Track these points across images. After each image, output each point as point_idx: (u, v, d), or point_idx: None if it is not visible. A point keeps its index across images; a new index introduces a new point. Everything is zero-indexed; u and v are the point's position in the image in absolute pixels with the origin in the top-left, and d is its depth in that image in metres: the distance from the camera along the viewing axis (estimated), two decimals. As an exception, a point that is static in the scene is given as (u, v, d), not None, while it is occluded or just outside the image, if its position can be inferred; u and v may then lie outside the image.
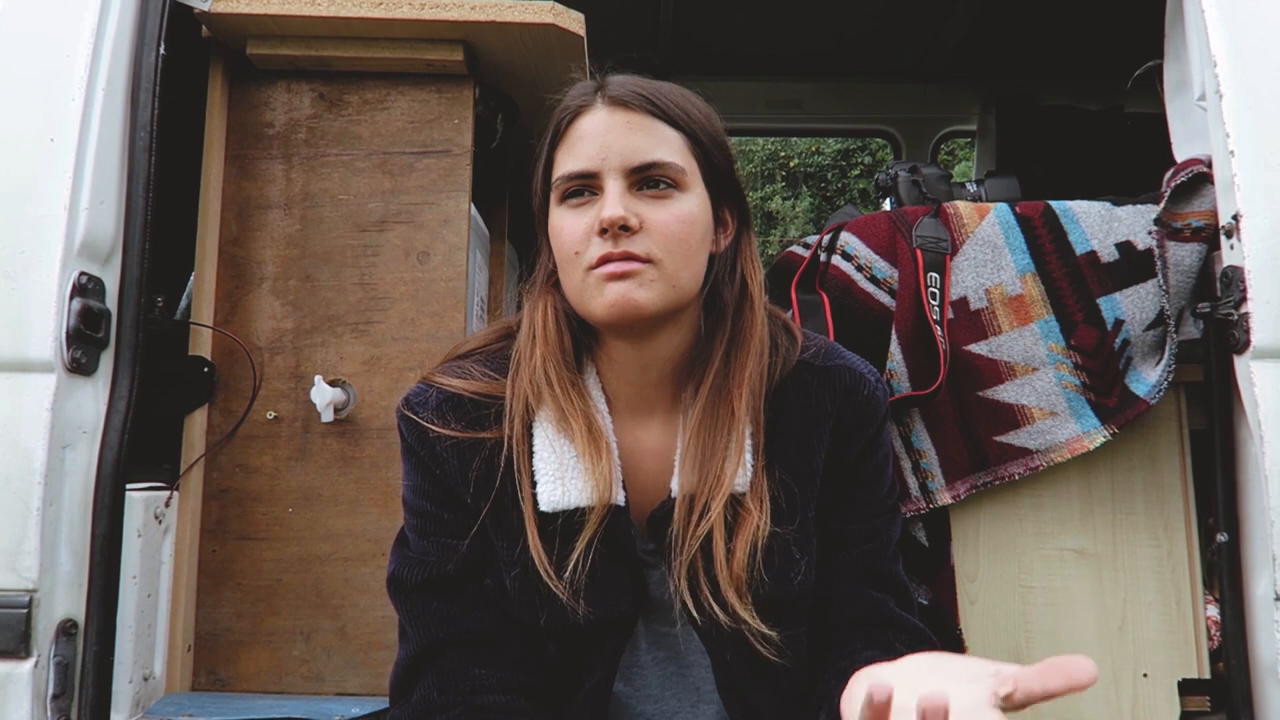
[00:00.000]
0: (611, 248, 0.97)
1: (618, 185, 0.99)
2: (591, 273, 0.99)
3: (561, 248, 1.02)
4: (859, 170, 10.85)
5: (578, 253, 1.00)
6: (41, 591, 1.13)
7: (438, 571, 1.06)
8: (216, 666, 1.53)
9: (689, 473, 1.04)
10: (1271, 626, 1.25)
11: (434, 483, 1.07)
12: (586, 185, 1.01)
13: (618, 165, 0.99)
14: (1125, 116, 2.85)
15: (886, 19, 2.88)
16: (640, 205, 0.99)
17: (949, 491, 1.50)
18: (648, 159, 1.00)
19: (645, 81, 1.05)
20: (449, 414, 1.05)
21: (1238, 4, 1.32)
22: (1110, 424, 1.46)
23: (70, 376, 1.18)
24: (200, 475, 1.55)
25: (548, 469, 1.04)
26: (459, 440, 1.05)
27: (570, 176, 1.01)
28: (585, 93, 1.04)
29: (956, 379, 1.50)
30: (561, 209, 1.03)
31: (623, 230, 0.97)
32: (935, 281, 1.51)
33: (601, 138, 1.00)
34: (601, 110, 1.01)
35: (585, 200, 1.01)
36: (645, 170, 1.00)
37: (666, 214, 0.99)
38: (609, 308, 0.98)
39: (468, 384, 1.07)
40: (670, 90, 1.05)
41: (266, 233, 1.59)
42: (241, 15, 1.51)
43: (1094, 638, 1.52)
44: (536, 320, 1.07)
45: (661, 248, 0.98)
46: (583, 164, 1.00)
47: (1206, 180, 1.42)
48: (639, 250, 0.97)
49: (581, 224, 1.00)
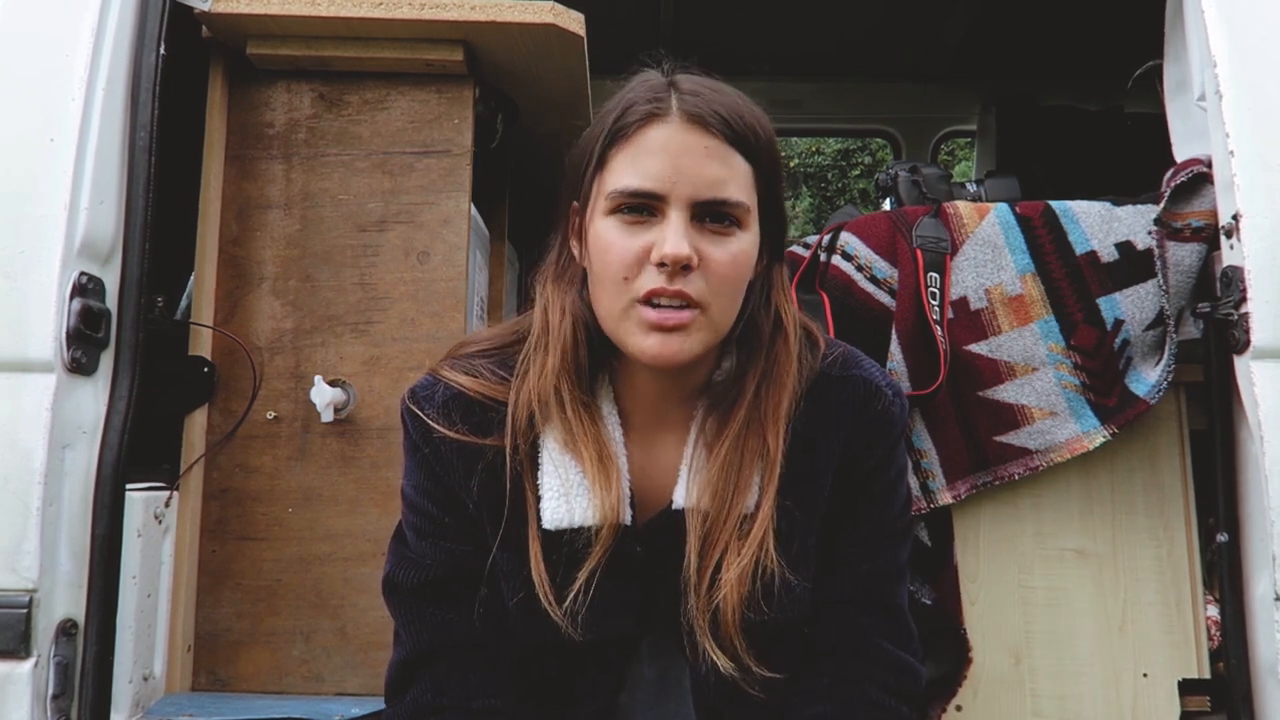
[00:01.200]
0: (666, 284, 0.91)
1: (682, 217, 0.91)
2: (637, 308, 0.92)
3: (608, 265, 0.94)
4: (859, 170, 10.84)
5: (627, 279, 0.92)
6: (41, 591, 1.13)
7: (435, 575, 1.04)
8: (216, 666, 1.53)
9: (703, 495, 0.99)
10: (1271, 626, 1.25)
11: (436, 483, 1.03)
12: (647, 205, 0.93)
13: (688, 195, 0.91)
14: (1125, 116, 2.85)
15: (886, 19, 2.88)
16: (700, 240, 0.92)
17: (949, 491, 1.50)
18: (720, 195, 0.92)
19: (721, 95, 0.96)
20: (455, 413, 1.01)
21: (1238, 4, 1.32)
22: (1110, 424, 1.46)
23: (70, 376, 1.18)
24: (200, 475, 1.55)
25: (552, 485, 0.99)
26: (464, 443, 1.00)
27: (633, 193, 0.92)
28: (656, 95, 0.95)
29: (957, 379, 1.50)
30: (612, 222, 0.94)
31: (683, 269, 0.91)
32: (935, 281, 1.51)
33: (675, 159, 0.92)
34: (676, 124, 0.93)
35: (643, 220, 0.93)
36: (714, 206, 0.93)
37: (725, 254, 0.93)
38: (649, 356, 0.93)
39: (476, 383, 1.02)
40: (744, 109, 0.96)
41: (266, 233, 1.59)
42: (241, 15, 1.50)
43: (1094, 638, 1.52)
44: (552, 323, 1.00)
45: (714, 290, 0.93)
46: (651, 184, 0.92)
47: (1206, 180, 1.42)
48: (692, 292, 0.91)
49: (635, 246, 0.92)
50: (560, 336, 0.99)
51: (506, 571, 1.03)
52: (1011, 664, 1.52)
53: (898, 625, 1.08)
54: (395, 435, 1.53)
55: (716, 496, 0.98)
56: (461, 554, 1.04)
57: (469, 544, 1.04)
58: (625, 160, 0.94)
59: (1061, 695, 1.51)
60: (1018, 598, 1.54)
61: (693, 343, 0.93)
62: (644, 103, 0.94)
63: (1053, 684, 1.52)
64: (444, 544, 1.04)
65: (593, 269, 0.97)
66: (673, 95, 0.94)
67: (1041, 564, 1.54)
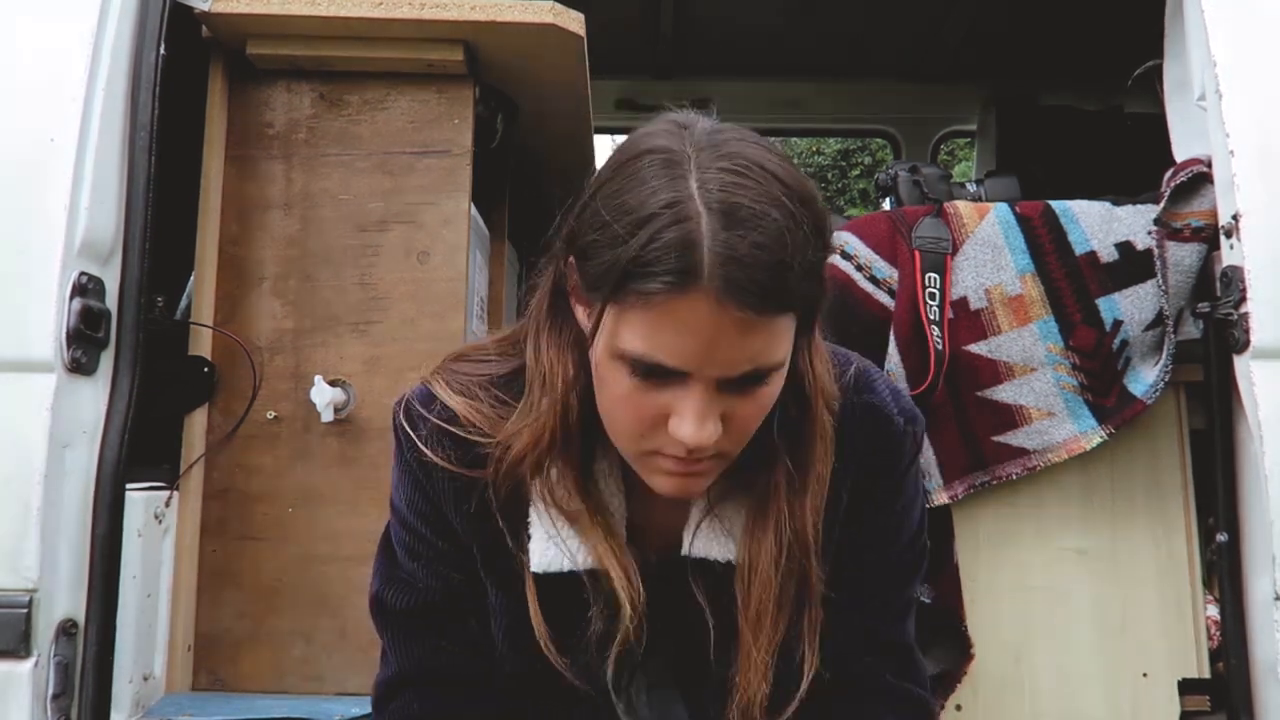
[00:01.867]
0: (685, 454, 0.81)
1: (707, 395, 0.78)
2: (652, 457, 0.84)
3: (621, 418, 0.84)
4: (859, 170, 10.84)
5: (642, 435, 0.83)
6: (41, 591, 1.13)
7: (427, 599, 1.01)
8: (216, 666, 1.52)
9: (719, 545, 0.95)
10: (1271, 626, 1.25)
11: (429, 504, 0.98)
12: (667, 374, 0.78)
13: (716, 374, 0.77)
14: (1125, 116, 2.85)
15: (887, 19, 2.88)
16: (726, 400, 0.80)
17: (946, 491, 1.50)
18: (753, 368, 0.78)
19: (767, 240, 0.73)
20: (446, 440, 0.94)
21: (1238, 4, 1.32)
22: (1107, 424, 1.46)
23: (70, 376, 1.18)
24: (200, 475, 1.55)
25: (541, 526, 0.94)
26: (454, 473, 0.95)
27: (649, 366, 0.77)
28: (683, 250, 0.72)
29: (956, 379, 1.50)
30: (622, 372, 0.79)
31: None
32: (935, 281, 1.51)
33: (706, 344, 0.75)
34: (711, 301, 0.73)
35: (660, 382, 0.79)
36: (745, 378, 0.79)
37: (753, 406, 0.82)
38: (665, 494, 0.87)
39: (472, 409, 0.94)
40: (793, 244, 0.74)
41: (266, 233, 1.59)
42: (241, 15, 1.50)
43: (1094, 638, 1.52)
44: (553, 389, 0.89)
45: (736, 441, 0.84)
46: (676, 363, 0.76)
47: (1206, 180, 1.42)
48: (713, 453, 0.83)
49: (650, 407, 0.80)
50: (555, 411, 0.89)
51: (496, 607, 0.99)
52: (1011, 664, 1.52)
53: (908, 662, 1.05)
54: (395, 435, 1.54)
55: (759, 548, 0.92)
56: (454, 581, 1.00)
57: (462, 571, 1.00)
58: (641, 324, 0.76)
59: (1061, 695, 1.51)
60: (1018, 597, 1.54)
61: (709, 481, 0.88)
62: (670, 257, 0.72)
63: (1053, 684, 1.52)
64: (438, 569, 1.00)
65: (599, 395, 0.86)
66: (704, 246, 0.72)
67: (1041, 563, 1.54)
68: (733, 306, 0.73)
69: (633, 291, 0.74)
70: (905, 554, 1.04)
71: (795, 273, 0.75)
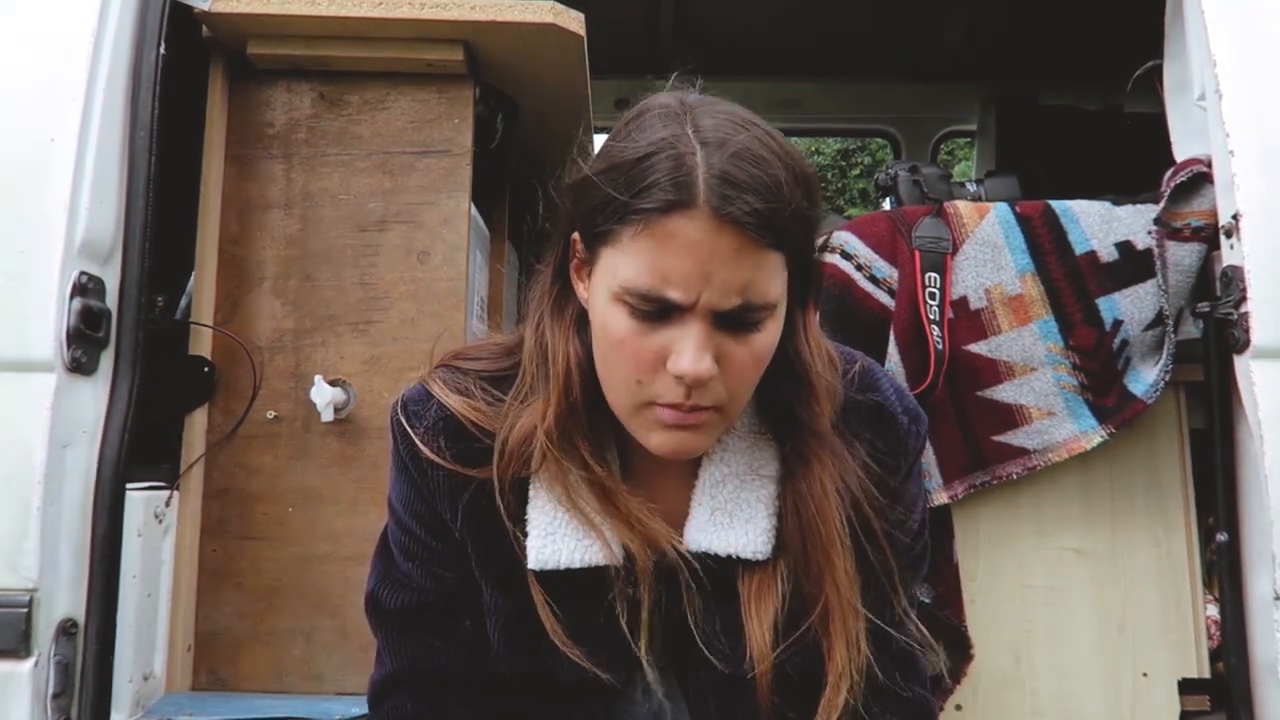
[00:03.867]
0: (683, 398, 0.83)
1: (705, 328, 0.81)
2: (652, 408, 0.85)
3: (620, 363, 0.85)
4: (859, 170, 10.85)
5: (640, 381, 0.84)
6: (42, 591, 1.13)
7: (422, 600, 1.01)
8: (216, 666, 1.52)
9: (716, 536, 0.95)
10: (1271, 626, 1.25)
11: (424, 504, 0.99)
12: (668, 307, 0.82)
13: (713, 304, 0.80)
14: (1125, 116, 2.85)
15: (886, 19, 2.88)
16: (721, 340, 0.82)
17: (946, 491, 1.50)
18: (746, 300, 0.81)
19: (759, 174, 0.79)
20: (443, 438, 0.95)
21: (1238, 4, 1.32)
22: (1108, 424, 1.46)
23: (70, 376, 1.18)
24: (200, 475, 1.55)
25: (539, 523, 0.94)
26: (450, 470, 0.95)
27: (650, 298, 0.81)
28: (681, 174, 0.78)
29: (956, 378, 1.50)
30: (622, 313, 0.83)
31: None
32: (935, 281, 1.51)
33: (703, 265, 0.78)
34: (706, 221, 0.78)
35: (658, 321, 0.82)
36: (739, 312, 0.81)
37: (748, 352, 0.84)
38: (662, 452, 0.87)
39: (468, 406, 0.95)
40: (784, 185, 0.80)
41: (266, 233, 1.59)
42: (241, 15, 1.50)
43: (1094, 637, 1.52)
44: (553, 368, 0.91)
45: (732, 392, 0.85)
46: (671, 293, 0.80)
47: (1206, 180, 1.42)
48: (710, 400, 0.84)
49: (649, 348, 0.82)
50: (559, 384, 0.91)
51: (491, 606, 0.99)
52: (1011, 663, 1.52)
53: (908, 661, 1.05)
54: (395, 435, 1.54)
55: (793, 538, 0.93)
56: (449, 581, 1.01)
57: (456, 571, 1.00)
58: (641, 251, 0.80)
59: (1061, 694, 1.51)
60: (1018, 597, 1.54)
61: (706, 439, 0.89)
62: (667, 181, 0.79)
63: (1052, 683, 1.52)
64: (433, 569, 1.00)
65: (598, 346, 0.88)
66: (700, 172, 0.78)
67: (1041, 563, 1.54)
68: (728, 228, 0.78)
69: (635, 218, 0.79)
70: (908, 552, 1.04)
71: (786, 211, 0.80)
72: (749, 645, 0.93)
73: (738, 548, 0.94)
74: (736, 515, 0.95)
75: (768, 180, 0.80)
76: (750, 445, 0.97)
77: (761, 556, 0.94)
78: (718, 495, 0.96)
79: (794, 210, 0.81)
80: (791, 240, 0.82)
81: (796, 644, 0.94)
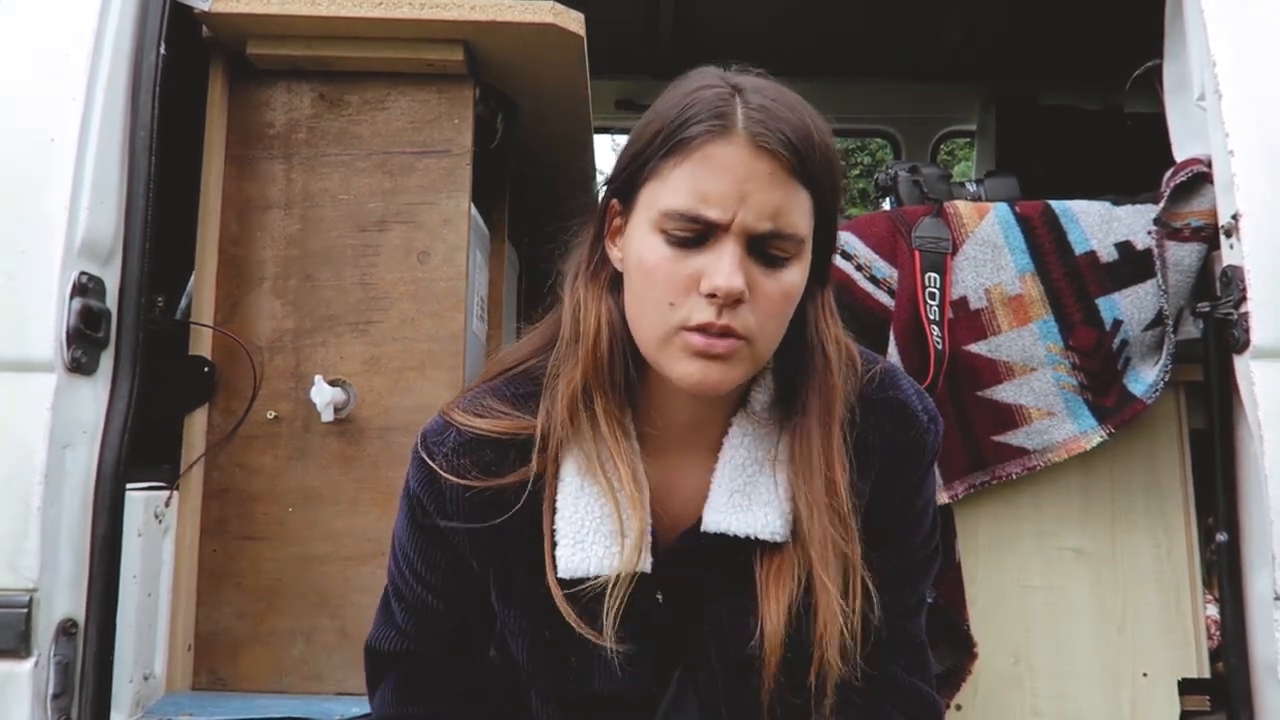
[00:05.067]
0: (714, 318, 0.85)
1: (738, 248, 0.85)
2: (681, 335, 0.87)
3: (652, 288, 0.88)
4: (859, 170, 10.84)
5: (673, 304, 0.86)
6: (42, 591, 1.13)
7: (412, 647, 1.06)
8: (216, 666, 1.53)
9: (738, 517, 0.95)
10: (1271, 626, 1.25)
11: (437, 546, 0.99)
12: (700, 231, 0.86)
13: (748, 225, 0.85)
14: (1125, 116, 2.85)
15: (886, 19, 2.88)
16: (753, 271, 0.86)
17: (946, 491, 1.50)
18: (777, 228, 0.86)
19: (790, 112, 0.87)
20: (466, 458, 0.95)
21: (1237, 4, 1.32)
22: (1107, 424, 1.46)
23: (70, 376, 1.18)
24: (200, 475, 1.55)
25: (568, 530, 0.94)
26: (474, 490, 0.95)
27: (689, 217, 0.85)
28: (721, 106, 0.86)
29: (956, 378, 1.50)
30: (658, 241, 0.87)
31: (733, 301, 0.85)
32: (934, 281, 1.51)
33: (739, 185, 0.84)
34: (742, 145, 0.84)
35: (695, 246, 0.86)
36: (770, 238, 0.86)
37: (776, 286, 0.87)
38: (690, 383, 0.88)
39: (487, 423, 0.96)
40: (813, 129, 0.88)
41: (266, 233, 1.59)
42: (241, 15, 1.50)
43: (1094, 638, 1.52)
44: (585, 329, 0.94)
45: (761, 324, 0.87)
46: (709, 211, 0.84)
47: (1206, 180, 1.42)
48: (739, 326, 0.86)
49: (684, 272, 0.86)
50: (593, 344, 0.93)
51: (516, 628, 1.00)
52: (1011, 663, 1.52)
53: (919, 658, 1.06)
54: (395, 435, 1.53)
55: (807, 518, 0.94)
56: (447, 628, 1.05)
57: (459, 616, 1.04)
58: (682, 177, 0.86)
59: (1061, 695, 1.51)
60: (1017, 597, 1.54)
61: (736, 373, 0.89)
62: (707, 114, 0.86)
63: (1052, 683, 1.52)
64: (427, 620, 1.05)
65: (632, 285, 0.91)
66: (739, 108, 0.86)
67: (1041, 564, 1.54)
68: (764, 153, 0.84)
69: (676, 147, 0.86)
70: (922, 550, 1.06)
71: (816, 153, 0.87)
72: (763, 626, 0.93)
73: (756, 529, 0.95)
74: (755, 498, 0.96)
75: (800, 123, 0.87)
76: (769, 431, 0.98)
77: (779, 538, 0.95)
78: (737, 478, 0.97)
79: (823, 156, 0.88)
80: (819, 185, 0.88)
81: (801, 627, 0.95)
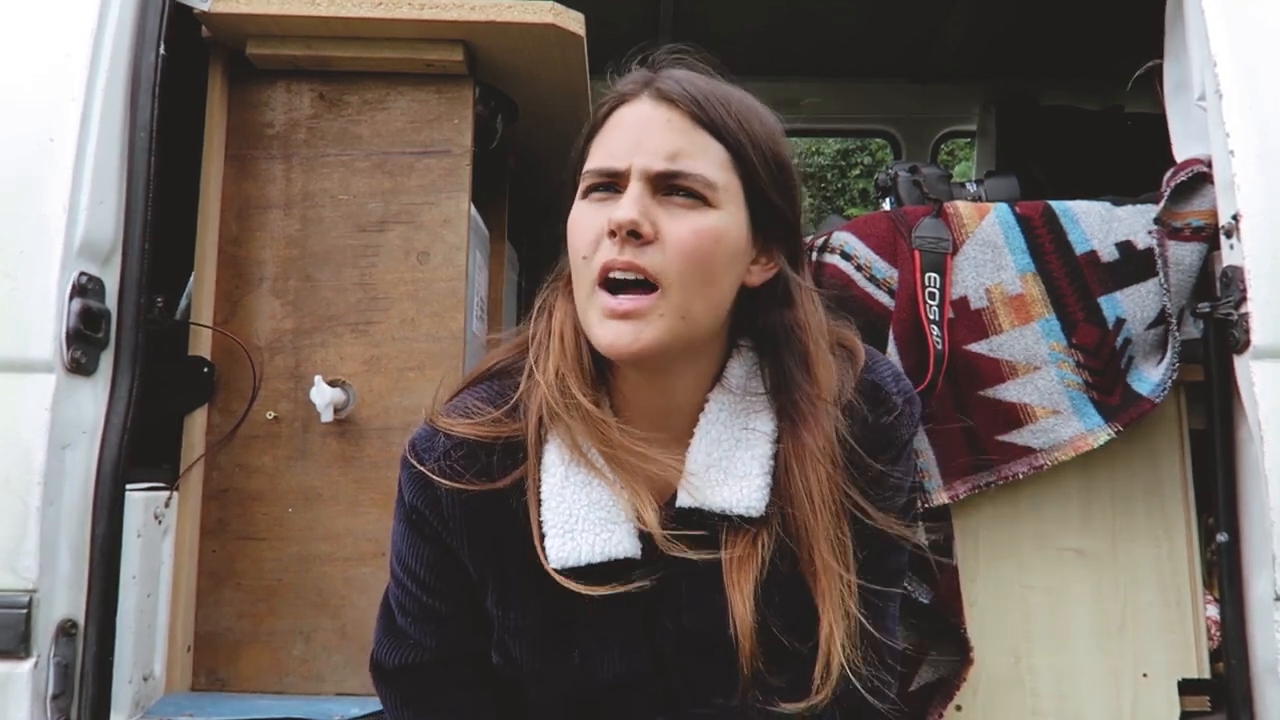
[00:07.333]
0: (616, 255, 0.87)
1: (639, 188, 0.88)
2: (598, 294, 0.89)
3: (574, 248, 0.92)
4: (859, 170, 10.83)
5: (585, 257, 0.90)
6: (41, 591, 1.13)
7: (422, 657, 1.06)
8: (216, 666, 1.52)
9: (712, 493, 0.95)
10: (1271, 626, 1.25)
11: (434, 548, 1.00)
12: (612, 183, 0.91)
13: (643, 165, 0.89)
14: (1125, 116, 2.85)
15: (886, 19, 2.88)
16: (660, 213, 0.89)
17: (946, 492, 1.50)
18: (674, 166, 0.89)
19: (704, 82, 0.94)
20: (458, 464, 0.96)
21: (1238, 4, 1.32)
22: (1114, 423, 1.46)
23: (70, 376, 1.18)
24: (200, 475, 1.55)
25: (555, 520, 0.94)
26: (468, 494, 0.95)
27: (596, 172, 0.92)
28: (634, 82, 0.95)
29: (957, 378, 1.50)
30: (581, 204, 0.93)
31: (633, 236, 0.86)
32: (935, 281, 1.51)
33: (636, 132, 0.90)
34: (645, 103, 0.92)
35: (606, 198, 0.91)
36: (671, 178, 0.89)
37: (685, 226, 0.88)
38: (605, 344, 0.89)
39: (474, 425, 0.97)
40: (728, 97, 0.94)
41: (266, 233, 1.59)
42: (241, 15, 1.50)
43: (1094, 638, 1.52)
44: (554, 328, 0.97)
45: (673, 267, 0.88)
46: (610, 161, 0.91)
47: (1206, 180, 1.42)
48: (646, 264, 0.87)
49: (596, 223, 0.90)
50: (560, 338, 0.96)
51: (515, 629, 1.00)
52: (1011, 664, 1.52)
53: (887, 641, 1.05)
54: (395, 435, 1.53)
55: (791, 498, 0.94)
56: (447, 634, 1.05)
57: (466, 619, 1.03)
58: (597, 144, 0.95)
59: (1061, 695, 1.51)
60: (1017, 598, 1.53)
61: (652, 330, 0.87)
62: (621, 89, 0.95)
63: (1052, 684, 1.52)
64: (430, 625, 1.05)
65: (570, 258, 0.95)
66: (651, 82, 0.94)
67: (1041, 564, 1.54)
68: (662, 104, 0.91)
69: (594, 128, 0.96)
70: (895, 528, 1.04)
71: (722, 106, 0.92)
72: (730, 610, 0.93)
73: (731, 503, 0.94)
74: (731, 472, 0.95)
75: (709, 85, 0.94)
76: (746, 406, 0.98)
77: (755, 513, 0.94)
78: (713, 452, 0.96)
79: (737, 114, 0.93)
80: (731, 137, 0.92)
81: (781, 607, 0.94)
